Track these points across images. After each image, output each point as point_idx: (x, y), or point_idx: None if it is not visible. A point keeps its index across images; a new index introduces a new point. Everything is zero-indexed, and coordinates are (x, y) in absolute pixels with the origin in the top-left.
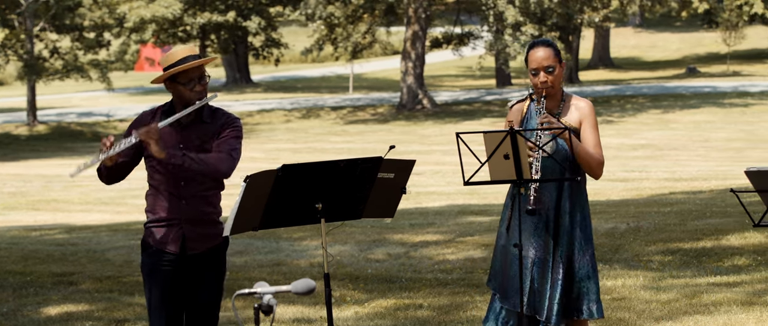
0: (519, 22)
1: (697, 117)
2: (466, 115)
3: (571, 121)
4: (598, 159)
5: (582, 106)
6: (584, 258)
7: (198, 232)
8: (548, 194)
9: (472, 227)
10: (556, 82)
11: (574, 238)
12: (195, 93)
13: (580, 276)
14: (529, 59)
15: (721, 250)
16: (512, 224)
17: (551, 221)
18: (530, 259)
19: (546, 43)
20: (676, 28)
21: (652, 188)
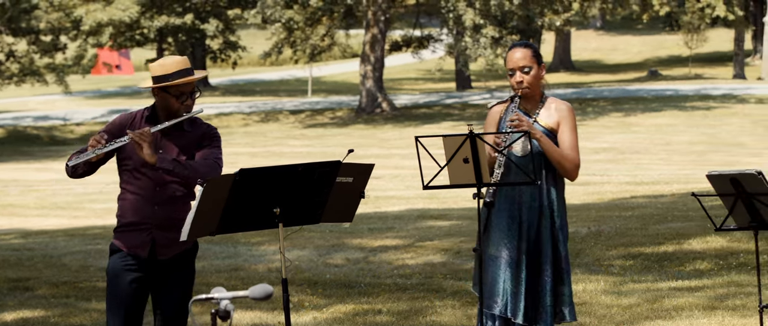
0: (479, 25)
1: (659, 120)
2: (426, 118)
3: (550, 122)
4: (573, 161)
5: (561, 108)
6: (561, 259)
7: (168, 238)
8: (525, 195)
9: (432, 231)
10: (533, 83)
11: (556, 239)
12: (185, 106)
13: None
14: (507, 60)
15: (683, 255)
16: (489, 227)
17: (525, 222)
18: (503, 260)
19: (525, 45)
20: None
21: (613, 192)
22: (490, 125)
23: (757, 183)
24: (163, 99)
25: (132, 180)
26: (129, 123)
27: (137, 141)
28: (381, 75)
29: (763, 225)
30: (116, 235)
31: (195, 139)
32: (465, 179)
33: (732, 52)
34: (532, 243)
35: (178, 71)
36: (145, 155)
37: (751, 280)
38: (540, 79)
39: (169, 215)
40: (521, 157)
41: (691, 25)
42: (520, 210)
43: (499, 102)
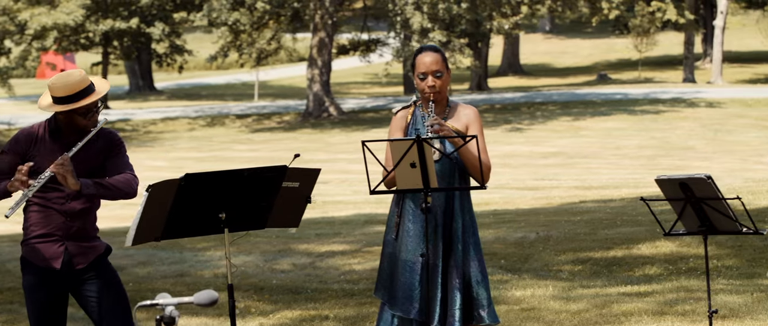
0: (426, 29)
1: (609, 124)
2: (374, 122)
3: (458, 126)
4: (486, 163)
5: (468, 112)
6: (475, 262)
7: (82, 247)
8: (439, 198)
9: (379, 237)
10: (443, 88)
11: (467, 242)
12: (91, 122)
13: (472, 281)
14: (417, 64)
15: (632, 259)
16: (402, 231)
17: (440, 225)
18: (420, 265)
19: (434, 49)
20: (587, 35)
21: (562, 197)
22: (395, 130)
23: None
24: (69, 117)
25: (40, 192)
26: (34, 139)
27: (61, 173)
28: (328, 79)
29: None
30: (26, 249)
31: (102, 148)
32: (412, 184)
33: (682, 56)
34: (447, 247)
35: (80, 91)
36: (69, 184)
37: (701, 285)
38: (448, 84)
39: (81, 225)
40: (435, 162)
41: (640, 28)
42: (434, 215)
43: (403, 106)
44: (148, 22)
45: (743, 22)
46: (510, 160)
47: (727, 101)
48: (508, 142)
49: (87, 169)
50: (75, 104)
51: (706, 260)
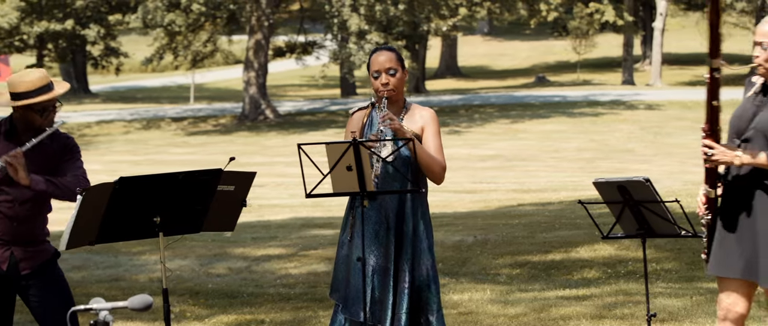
0: (363, 31)
1: (547, 127)
2: (311, 125)
3: (414, 128)
4: (440, 164)
5: (424, 114)
6: (426, 266)
7: (28, 251)
8: (391, 200)
9: (316, 240)
10: (398, 86)
11: (417, 246)
12: (48, 121)
13: (422, 285)
14: (371, 63)
15: (571, 263)
16: (354, 233)
17: (393, 228)
18: (371, 267)
19: (389, 48)
20: (526, 37)
21: (500, 200)
22: (351, 130)
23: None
24: (25, 115)
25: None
26: None
27: (12, 164)
28: (265, 81)
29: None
30: None
31: (56, 151)
32: (348, 187)
33: (621, 58)
34: (397, 249)
35: (39, 88)
36: (20, 178)
37: (640, 288)
38: (404, 84)
39: (29, 230)
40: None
41: (579, 30)
42: (387, 217)
43: (360, 107)
44: (84, 24)
45: (683, 23)
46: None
47: (666, 103)
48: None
49: (40, 171)
50: (33, 99)
51: (645, 263)
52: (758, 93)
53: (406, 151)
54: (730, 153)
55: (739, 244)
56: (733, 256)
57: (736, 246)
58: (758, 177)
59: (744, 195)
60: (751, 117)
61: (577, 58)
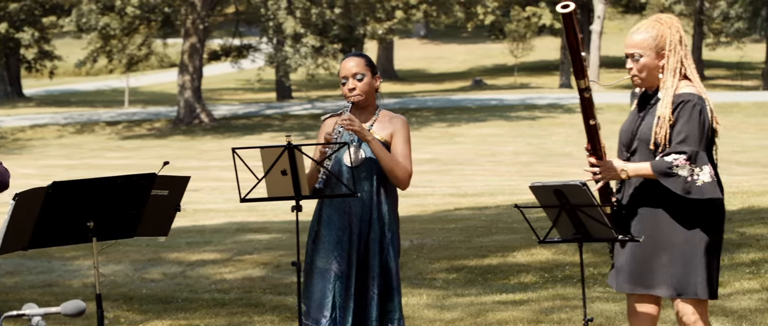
0: (299, 34)
1: (484, 130)
2: (246, 129)
3: (383, 134)
4: (405, 168)
5: (396, 120)
6: (391, 273)
7: None
8: (355, 205)
9: (251, 245)
10: (366, 91)
11: (386, 252)
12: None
13: (387, 293)
14: (340, 69)
15: (508, 267)
16: (318, 238)
17: (356, 234)
18: (333, 273)
19: (358, 54)
20: (463, 40)
21: (436, 204)
22: (322, 137)
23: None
24: None
25: None
26: None
27: None
28: (200, 85)
29: (587, 237)
30: None
31: None
32: (283, 191)
33: (558, 61)
34: (362, 256)
35: None
36: None
37: (577, 293)
38: (374, 90)
39: None
40: (350, 168)
41: (516, 33)
42: (350, 222)
43: (332, 114)
44: (17, 27)
45: (621, 26)
46: None
47: (604, 107)
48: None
49: None
50: None
51: (582, 268)
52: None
53: (369, 156)
54: (616, 169)
55: (634, 257)
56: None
57: (633, 260)
58: (649, 189)
59: (638, 208)
60: (636, 129)
61: (515, 61)
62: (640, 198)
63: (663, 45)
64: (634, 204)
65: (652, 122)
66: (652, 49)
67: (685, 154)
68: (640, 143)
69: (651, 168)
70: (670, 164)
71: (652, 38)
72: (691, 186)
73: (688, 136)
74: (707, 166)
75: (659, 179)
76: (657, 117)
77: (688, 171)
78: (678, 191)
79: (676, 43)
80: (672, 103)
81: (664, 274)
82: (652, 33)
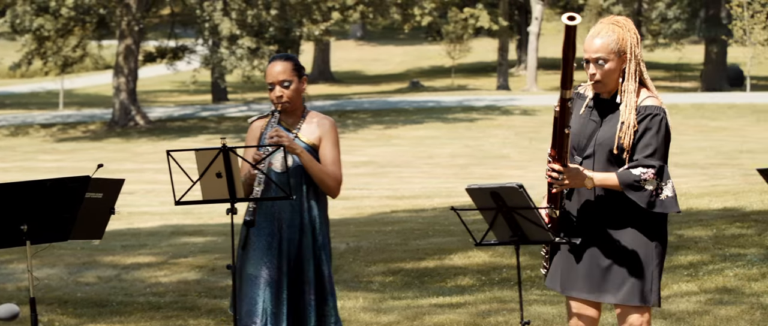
0: (235, 35)
1: (421, 132)
2: (182, 131)
3: (311, 138)
4: (334, 176)
5: (323, 123)
6: (326, 278)
7: None
8: (286, 211)
9: (186, 248)
10: (293, 97)
11: (319, 258)
12: None
13: (323, 298)
14: (266, 74)
15: (445, 270)
16: (248, 244)
17: (286, 240)
18: (263, 279)
19: (285, 58)
20: (400, 41)
21: (373, 206)
22: (250, 140)
23: (517, 196)
24: None
25: None
26: None
27: None
28: (135, 87)
29: (524, 240)
30: None
31: None
32: (218, 194)
33: (496, 63)
34: (294, 261)
35: None
36: None
37: (514, 296)
38: (301, 93)
39: None
40: (280, 173)
41: (453, 35)
42: (280, 228)
43: (260, 116)
44: None
45: (558, 28)
46: None
47: (542, 109)
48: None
49: None
50: None
51: (519, 270)
52: (592, 107)
53: (297, 162)
54: (579, 176)
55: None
56: (581, 274)
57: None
58: (608, 198)
59: (594, 215)
60: (591, 133)
61: (452, 63)
62: (597, 207)
63: (624, 49)
64: (590, 211)
65: (615, 128)
66: (615, 53)
67: (653, 168)
68: (600, 148)
69: (617, 180)
70: (638, 178)
71: (614, 42)
72: (656, 200)
73: (657, 149)
74: (670, 181)
75: (625, 191)
76: (621, 122)
77: (655, 185)
78: (642, 204)
79: (634, 47)
80: (637, 112)
81: (622, 282)
82: (613, 37)
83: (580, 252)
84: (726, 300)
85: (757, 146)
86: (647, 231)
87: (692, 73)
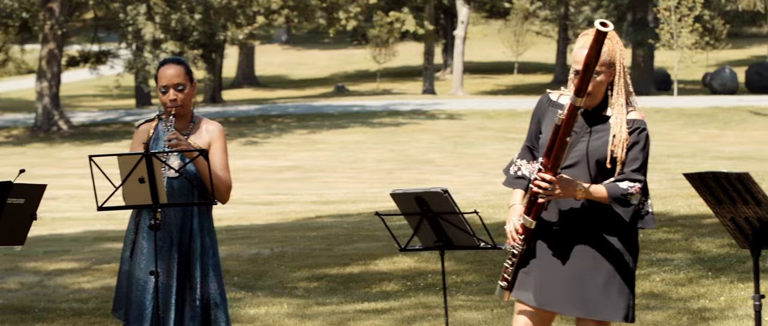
0: (159, 40)
1: (346, 137)
2: (105, 136)
3: (201, 143)
4: (226, 182)
5: (212, 128)
6: (214, 283)
7: None
8: (175, 217)
9: (110, 254)
10: (186, 101)
11: (205, 263)
12: None
13: (211, 303)
14: (159, 77)
15: (370, 276)
16: (136, 248)
17: (176, 245)
18: (153, 285)
19: (177, 61)
20: (325, 45)
21: (298, 212)
22: (137, 144)
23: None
24: None
25: None
26: None
27: None
28: (58, 92)
29: (449, 245)
30: None
31: None
32: (141, 200)
33: (422, 67)
34: (183, 266)
35: None
36: None
37: (439, 301)
38: (192, 98)
39: None
40: (175, 178)
41: (379, 39)
42: (171, 233)
43: (146, 120)
44: None
45: (485, 32)
46: (244, 175)
47: (467, 113)
48: (243, 156)
49: None
50: None
51: (443, 276)
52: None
53: (194, 167)
54: (571, 187)
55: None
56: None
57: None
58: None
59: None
60: (575, 143)
61: (377, 67)
62: (580, 219)
63: (614, 61)
64: (573, 224)
65: (605, 140)
66: (606, 65)
67: (640, 182)
68: (583, 159)
69: (606, 193)
70: (626, 191)
71: (606, 54)
72: (638, 216)
73: (642, 165)
74: (649, 198)
75: (612, 204)
76: (612, 136)
77: (640, 200)
78: (626, 218)
79: (622, 59)
80: (627, 125)
81: (608, 299)
82: (604, 48)
83: (562, 267)
84: (653, 305)
85: (684, 150)
86: (627, 247)
87: None
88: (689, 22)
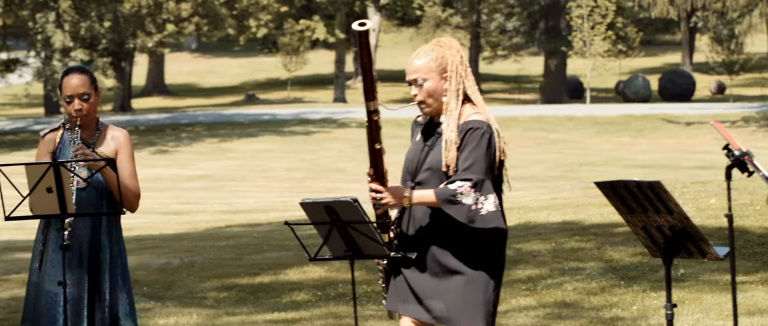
0: (68, 48)
1: (256, 146)
2: (13, 145)
3: (107, 151)
4: (134, 191)
5: (118, 135)
6: (123, 294)
7: None
8: (84, 227)
9: (18, 264)
10: (91, 111)
11: (114, 274)
12: None
13: (120, 315)
14: (63, 86)
15: (280, 285)
16: (45, 260)
17: (86, 256)
18: (63, 297)
19: (81, 70)
20: (235, 53)
21: (207, 221)
22: (44, 153)
23: (352, 210)
24: None
25: None
26: None
27: None
28: None
29: (359, 255)
30: None
31: None
32: (49, 209)
33: (333, 75)
34: (94, 278)
35: None
36: None
37: (350, 311)
38: (97, 106)
39: None
40: (82, 189)
41: (290, 47)
42: (81, 245)
43: (51, 129)
44: None
45: (396, 39)
46: (154, 184)
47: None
48: (153, 165)
49: None
50: None
51: (353, 285)
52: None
53: (101, 177)
54: (399, 195)
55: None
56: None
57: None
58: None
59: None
60: (424, 158)
61: (288, 75)
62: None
63: (445, 67)
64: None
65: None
66: (434, 71)
67: (470, 181)
68: (432, 172)
69: (435, 196)
70: (454, 191)
71: (433, 61)
72: (476, 215)
73: (474, 163)
74: (492, 195)
75: (443, 207)
76: (444, 141)
77: (473, 199)
78: (461, 219)
79: (457, 65)
80: (458, 128)
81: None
82: (432, 55)
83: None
84: (565, 315)
85: (597, 158)
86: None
87: (532, 85)
88: (602, 30)
